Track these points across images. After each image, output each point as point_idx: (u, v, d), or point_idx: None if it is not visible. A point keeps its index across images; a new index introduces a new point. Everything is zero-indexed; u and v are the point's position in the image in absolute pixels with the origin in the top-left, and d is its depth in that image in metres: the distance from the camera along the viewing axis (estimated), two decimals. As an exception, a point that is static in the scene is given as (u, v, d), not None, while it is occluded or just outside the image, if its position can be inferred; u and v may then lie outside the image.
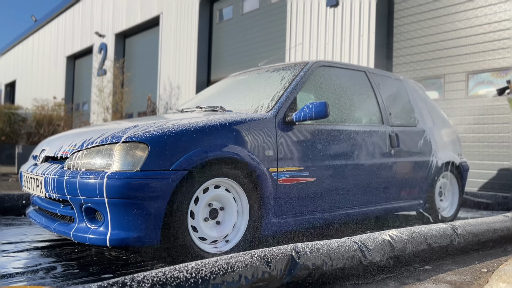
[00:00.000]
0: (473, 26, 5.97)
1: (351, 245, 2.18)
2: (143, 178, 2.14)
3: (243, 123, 2.61)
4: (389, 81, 3.93)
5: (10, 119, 11.99)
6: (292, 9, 8.42)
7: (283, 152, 2.72)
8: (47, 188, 2.38)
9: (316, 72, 3.23)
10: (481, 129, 5.94)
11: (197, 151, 2.32)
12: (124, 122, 3.02)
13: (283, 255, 1.89)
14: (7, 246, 2.73)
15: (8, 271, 2.20)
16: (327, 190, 3.00)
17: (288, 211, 2.80)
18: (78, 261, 2.44)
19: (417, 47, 6.74)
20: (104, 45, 14.85)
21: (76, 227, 2.27)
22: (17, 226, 3.39)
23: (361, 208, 3.29)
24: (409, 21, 6.87)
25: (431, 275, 2.26)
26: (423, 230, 2.58)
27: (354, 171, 3.17)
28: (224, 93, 3.68)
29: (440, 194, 4.10)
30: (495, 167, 5.80)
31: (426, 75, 6.60)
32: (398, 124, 3.69)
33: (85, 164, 2.29)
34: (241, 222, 2.56)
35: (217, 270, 1.66)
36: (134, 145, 2.22)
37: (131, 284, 1.44)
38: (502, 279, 1.91)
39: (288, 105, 2.87)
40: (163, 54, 12.13)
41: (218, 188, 2.49)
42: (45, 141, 3.03)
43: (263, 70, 3.59)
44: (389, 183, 3.48)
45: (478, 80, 5.97)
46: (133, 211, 2.13)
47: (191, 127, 2.39)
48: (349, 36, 7.32)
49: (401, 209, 3.68)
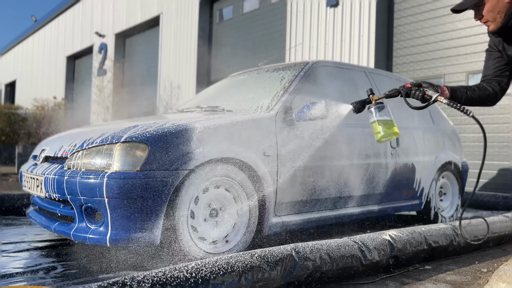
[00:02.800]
0: (473, 26, 5.96)
1: (351, 245, 2.18)
2: (143, 178, 2.14)
3: (243, 123, 2.61)
4: (389, 81, 3.93)
5: (10, 119, 11.98)
6: (292, 9, 8.42)
7: (283, 151, 2.72)
8: (47, 188, 2.38)
9: (316, 72, 3.23)
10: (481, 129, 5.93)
11: (197, 151, 2.32)
12: (124, 122, 3.02)
13: (283, 255, 1.89)
14: (7, 246, 2.73)
15: (8, 271, 2.20)
16: (327, 189, 2.99)
17: (289, 210, 2.80)
18: (78, 261, 2.44)
19: (417, 47, 6.74)
20: (104, 45, 14.84)
21: (76, 227, 2.27)
22: (17, 226, 3.39)
23: (362, 207, 3.29)
24: (409, 21, 6.87)
25: (431, 275, 2.26)
26: (423, 230, 2.58)
27: (355, 171, 3.17)
28: (224, 93, 3.68)
29: (440, 194, 4.10)
30: (495, 167, 5.80)
31: (426, 75, 6.60)
32: (399, 124, 3.68)
33: (85, 164, 2.29)
34: (241, 222, 2.56)
35: (217, 270, 1.66)
36: (134, 145, 2.22)
37: (131, 284, 1.44)
38: (502, 279, 1.91)
39: (288, 105, 2.87)
40: (163, 54, 12.13)
41: (218, 188, 2.49)
42: (45, 141, 3.03)
43: (263, 70, 3.59)
44: (389, 183, 3.48)
45: (478, 80, 5.96)
46: (133, 211, 2.13)
47: (191, 127, 2.39)
48: (349, 36, 7.31)
49: (401, 209, 3.68)
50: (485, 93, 2.34)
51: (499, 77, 2.33)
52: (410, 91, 2.29)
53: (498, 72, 2.32)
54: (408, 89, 2.29)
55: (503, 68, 2.31)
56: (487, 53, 2.37)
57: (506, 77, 2.33)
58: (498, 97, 2.36)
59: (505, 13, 2.07)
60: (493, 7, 2.07)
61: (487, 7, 2.08)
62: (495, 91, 2.33)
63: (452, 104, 2.19)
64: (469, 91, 2.34)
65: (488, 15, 2.10)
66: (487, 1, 2.07)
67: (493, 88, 2.34)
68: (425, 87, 2.27)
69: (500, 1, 2.05)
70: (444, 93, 2.30)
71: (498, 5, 2.06)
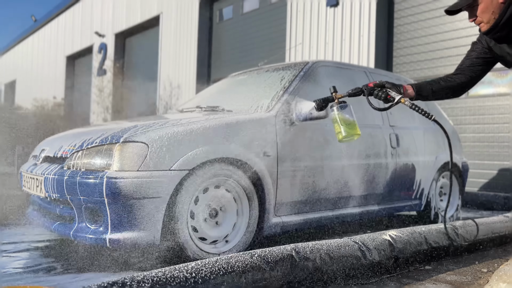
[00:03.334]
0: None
1: (351, 245, 2.18)
2: (142, 178, 2.14)
3: (243, 123, 2.60)
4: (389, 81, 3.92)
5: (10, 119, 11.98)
6: (292, 9, 8.41)
7: (283, 151, 2.72)
8: (46, 188, 2.38)
9: (316, 72, 3.23)
10: (481, 129, 5.93)
11: (197, 151, 2.32)
12: (124, 122, 3.02)
13: (283, 255, 1.89)
14: (7, 246, 2.72)
15: (8, 271, 2.20)
16: (328, 189, 2.99)
17: (289, 210, 2.79)
18: (78, 261, 2.44)
19: (417, 47, 6.74)
20: (104, 45, 14.84)
21: (76, 227, 2.27)
22: (17, 226, 3.39)
23: (363, 207, 3.28)
24: (409, 21, 6.87)
25: (431, 275, 2.26)
26: (423, 230, 2.58)
27: (355, 171, 3.17)
28: (224, 93, 3.68)
29: (440, 194, 4.10)
30: (496, 167, 5.79)
31: (426, 75, 6.59)
32: (399, 124, 3.68)
33: (84, 164, 2.29)
34: (241, 222, 2.56)
35: (217, 270, 1.66)
36: (134, 145, 2.21)
37: (131, 284, 1.44)
38: (502, 279, 1.91)
39: (288, 105, 2.86)
40: (163, 54, 12.12)
41: (218, 188, 2.49)
42: (45, 141, 3.03)
43: (263, 70, 3.59)
44: (389, 183, 3.48)
45: (478, 80, 5.96)
46: (133, 211, 2.13)
47: (191, 127, 2.39)
48: (349, 36, 7.31)
49: (401, 209, 3.68)
50: (451, 83, 2.34)
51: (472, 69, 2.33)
52: (373, 91, 2.28)
53: (475, 65, 2.32)
54: (371, 89, 2.29)
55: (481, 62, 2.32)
56: (473, 45, 2.39)
57: (479, 71, 2.33)
58: (464, 89, 2.37)
59: (499, 14, 2.05)
60: (487, 7, 2.06)
61: (481, 7, 2.07)
62: (463, 81, 2.33)
63: (414, 107, 2.20)
64: (434, 85, 2.35)
65: (483, 16, 2.09)
66: (481, 1, 2.06)
67: (462, 79, 2.33)
68: (388, 87, 2.27)
69: (494, 1, 2.04)
70: (408, 92, 2.30)
71: (492, 5, 2.04)
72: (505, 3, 2.03)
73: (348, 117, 2.32)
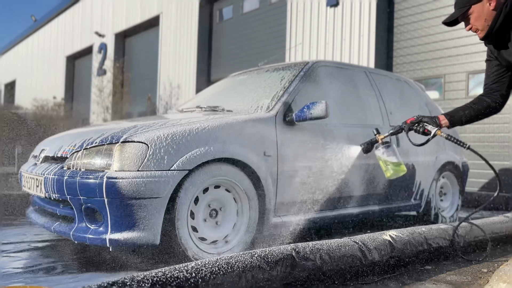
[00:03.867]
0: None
1: (352, 245, 2.18)
2: (142, 178, 2.14)
3: (243, 123, 2.60)
4: (389, 81, 3.93)
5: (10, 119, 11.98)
6: (292, 9, 8.42)
7: (283, 152, 2.72)
8: (46, 188, 2.38)
9: (316, 72, 3.23)
10: (481, 129, 5.93)
11: (197, 151, 2.32)
12: (123, 122, 3.02)
13: (283, 255, 1.89)
14: (7, 246, 2.72)
15: (8, 271, 2.20)
16: (328, 189, 2.99)
17: (289, 210, 2.79)
18: (78, 261, 2.44)
19: (417, 47, 6.74)
20: (104, 45, 14.84)
21: (76, 227, 2.27)
22: (17, 226, 3.39)
23: (362, 207, 3.28)
24: (409, 21, 6.87)
25: (431, 275, 2.26)
26: (423, 231, 2.58)
27: (355, 171, 3.16)
28: (224, 93, 3.68)
29: (440, 194, 4.10)
30: (496, 167, 5.76)
31: (426, 75, 6.60)
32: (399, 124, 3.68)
33: (84, 164, 2.28)
34: (241, 223, 2.56)
35: (217, 270, 1.66)
36: (133, 145, 2.21)
37: (131, 284, 1.44)
38: (503, 279, 1.91)
39: (288, 105, 2.86)
40: (163, 54, 12.12)
41: (218, 188, 2.49)
42: (45, 141, 3.03)
43: (263, 70, 3.59)
44: (389, 183, 3.48)
45: (479, 80, 5.96)
46: (133, 211, 2.13)
47: (191, 127, 2.39)
48: (349, 36, 7.31)
49: (401, 209, 3.68)
50: (483, 105, 2.42)
51: (498, 83, 2.37)
52: (412, 127, 2.50)
53: (498, 78, 2.37)
54: (410, 125, 2.51)
55: (502, 74, 2.36)
56: (487, 63, 2.45)
57: (505, 83, 2.37)
58: (498, 107, 2.42)
59: (491, 20, 2.13)
60: (479, 15, 2.15)
61: (474, 16, 2.16)
62: (495, 100, 2.40)
63: (450, 138, 2.41)
64: (466, 110, 2.46)
65: (477, 24, 2.18)
66: (473, 10, 2.15)
67: (492, 99, 2.40)
68: (425, 122, 2.45)
69: (485, 9, 2.13)
70: (443, 122, 2.46)
71: (484, 13, 2.14)
72: (496, 9, 2.12)
73: (393, 159, 2.60)
